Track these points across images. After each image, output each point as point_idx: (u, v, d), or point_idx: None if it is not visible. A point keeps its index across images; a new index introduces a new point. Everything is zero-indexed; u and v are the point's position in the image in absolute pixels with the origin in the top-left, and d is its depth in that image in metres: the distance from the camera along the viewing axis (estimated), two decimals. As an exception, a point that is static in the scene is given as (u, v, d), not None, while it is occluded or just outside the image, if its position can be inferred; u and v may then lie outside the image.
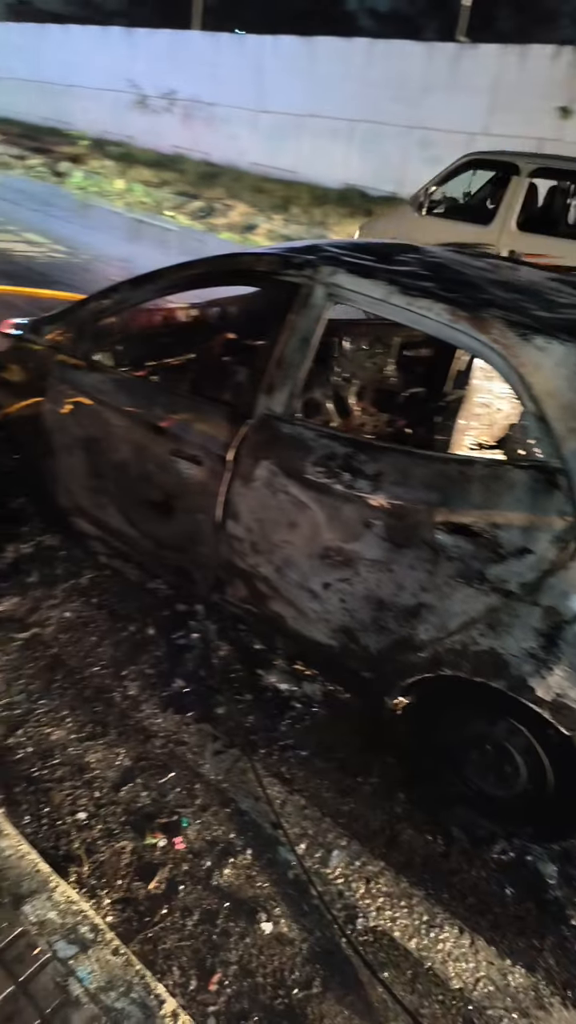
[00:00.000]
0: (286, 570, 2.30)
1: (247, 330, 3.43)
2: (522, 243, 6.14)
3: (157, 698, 2.43)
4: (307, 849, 1.97)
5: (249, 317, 3.56)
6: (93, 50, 19.95)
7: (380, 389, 3.64)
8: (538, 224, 6.25)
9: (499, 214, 6.37)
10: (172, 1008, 1.38)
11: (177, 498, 2.55)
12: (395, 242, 2.87)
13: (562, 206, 6.42)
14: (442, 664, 2.02)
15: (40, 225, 10.09)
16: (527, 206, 6.30)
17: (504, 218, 6.34)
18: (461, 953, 1.77)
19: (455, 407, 3.18)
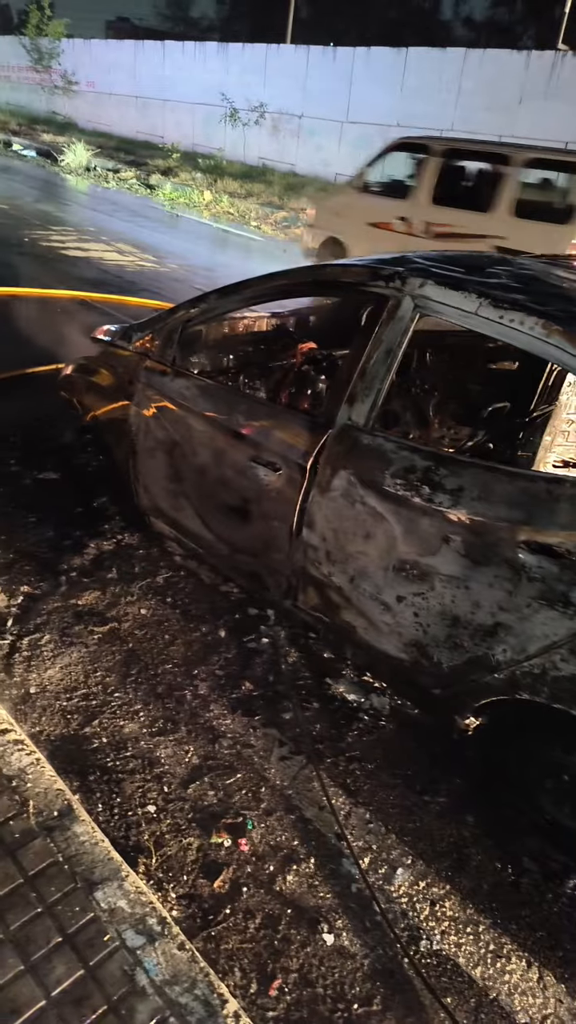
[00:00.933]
0: (360, 581, 2.29)
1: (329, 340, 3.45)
2: (434, 215, 7.20)
3: (226, 699, 2.47)
4: (370, 864, 1.95)
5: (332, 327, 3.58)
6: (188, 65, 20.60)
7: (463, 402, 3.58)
8: (447, 198, 7.19)
9: (416, 190, 7.45)
10: (234, 1009, 1.40)
11: (254, 504, 2.59)
12: (485, 254, 2.82)
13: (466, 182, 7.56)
14: (519, 687, 1.96)
15: (131, 235, 10.49)
16: (440, 183, 7.28)
17: (420, 193, 7.38)
18: (528, 987, 1.70)
19: (542, 423, 3.10)
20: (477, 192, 7.21)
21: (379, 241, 7.62)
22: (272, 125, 18.27)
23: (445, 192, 7.27)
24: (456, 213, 7.09)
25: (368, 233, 7.93)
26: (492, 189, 6.90)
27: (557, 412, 3.11)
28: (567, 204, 6.49)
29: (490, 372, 3.66)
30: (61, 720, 2.29)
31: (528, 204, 6.76)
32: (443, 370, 3.57)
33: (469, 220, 6.96)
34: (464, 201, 7.19)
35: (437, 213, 7.20)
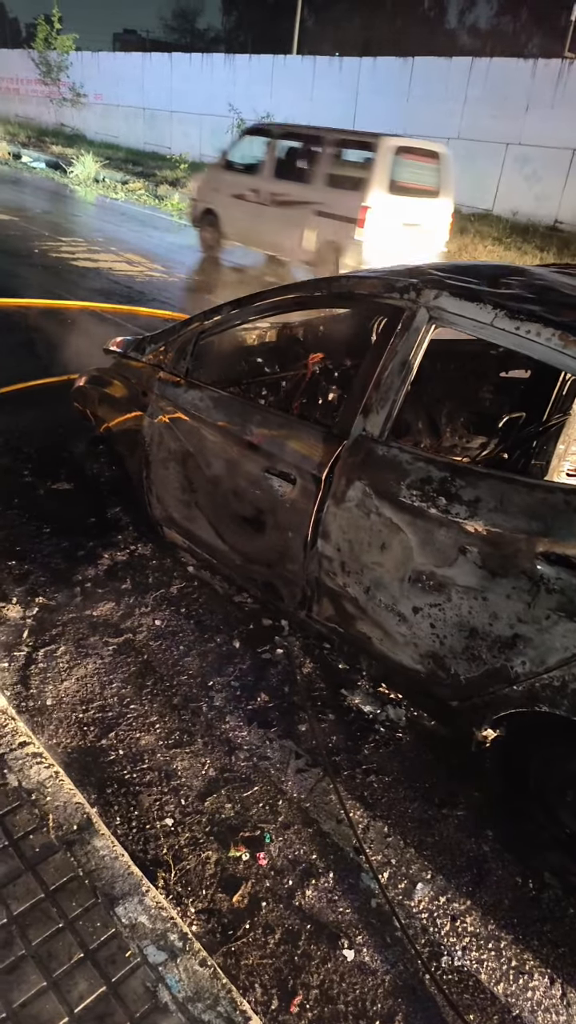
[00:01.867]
0: (375, 592, 2.29)
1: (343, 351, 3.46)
2: (275, 187, 8.97)
3: (242, 711, 2.46)
4: (390, 878, 1.94)
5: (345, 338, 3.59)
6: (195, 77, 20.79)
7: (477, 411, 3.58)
8: (284, 173, 9.00)
9: (262, 167, 9.24)
10: (257, 1026, 1.39)
11: (268, 514, 2.59)
12: (500, 264, 2.82)
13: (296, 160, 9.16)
14: (538, 700, 1.95)
15: (139, 245, 10.56)
16: (278, 161, 9.12)
17: (265, 169, 9.19)
18: (552, 1004, 1.68)
19: (556, 431, 3.09)
20: (303, 167, 8.91)
21: (240, 210, 9.41)
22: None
23: (282, 168, 9.05)
24: (290, 185, 8.81)
25: (232, 203, 9.57)
26: (312, 165, 8.68)
27: (571, 421, 3.10)
28: (362, 176, 8.07)
29: (503, 381, 3.65)
30: (78, 732, 2.29)
31: (336, 176, 8.41)
32: (456, 379, 3.57)
33: (298, 190, 8.67)
34: (295, 175, 8.87)
35: (277, 185, 8.97)
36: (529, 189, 13.57)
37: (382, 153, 7.94)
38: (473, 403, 3.65)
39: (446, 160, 8.66)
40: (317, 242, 8.46)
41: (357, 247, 8.02)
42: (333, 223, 8.18)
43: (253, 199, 9.22)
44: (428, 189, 8.53)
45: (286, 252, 9.01)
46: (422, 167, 8.44)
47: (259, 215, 9.08)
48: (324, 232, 8.30)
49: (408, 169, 8.26)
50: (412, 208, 8.34)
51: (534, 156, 13.23)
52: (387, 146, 7.97)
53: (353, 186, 8.07)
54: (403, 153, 8.16)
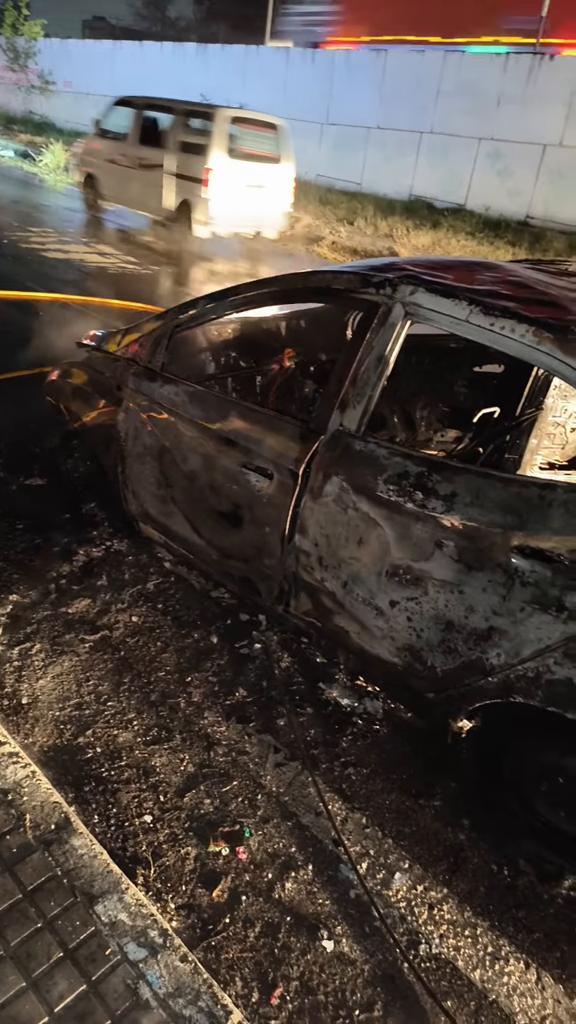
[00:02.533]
0: (353, 586, 2.30)
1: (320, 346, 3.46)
2: (139, 152, 10.18)
3: (220, 706, 2.46)
4: (368, 869, 1.96)
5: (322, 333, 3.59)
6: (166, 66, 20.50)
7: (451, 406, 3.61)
8: (146, 140, 10.20)
9: (129, 134, 10.45)
10: (238, 1020, 1.40)
11: (245, 509, 2.59)
12: (475, 260, 2.84)
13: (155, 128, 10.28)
14: (512, 691, 1.98)
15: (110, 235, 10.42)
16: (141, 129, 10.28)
17: (131, 137, 10.38)
18: (527, 989, 1.72)
19: (528, 426, 3.13)
20: (159, 134, 10.09)
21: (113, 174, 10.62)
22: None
23: (145, 135, 10.19)
24: (150, 150, 10.01)
25: (107, 168, 10.76)
26: (168, 132, 9.87)
27: (543, 415, 3.14)
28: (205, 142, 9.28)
29: (476, 376, 3.69)
30: (54, 731, 2.27)
31: (186, 143, 9.58)
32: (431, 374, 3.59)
33: (155, 155, 9.88)
34: (155, 141, 10.03)
35: (140, 151, 10.16)
36: (501, 184, 13.67)
37: (219, 122, 9.22)
38: (448, 398, 3.68)
39: (283, 131, 10.02)
40: (175, 200, 9.78)
41: (204, 204, 9.34)
42: (186, 183, 9.53)
43: (123, 163, 10.42)
44: (268, 155, 9.86)
45: (151, 210, 10.21)
46: (261, 136, 9.81)
47: (128, 178, 10.34)
48: (180, 191, 9.66)
49: (247, 137, 9.63)
50: (254, 171, 9.61)
51: (506, 151, 13.33)
52: (223, 116, 9.31)
53: (199, 151, 9.32)
54: (240, 123, 9.51)
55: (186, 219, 9.57)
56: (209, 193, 9.22)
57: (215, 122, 9.20)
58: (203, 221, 9.39)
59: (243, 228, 9.91)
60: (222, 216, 9.40)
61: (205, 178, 9.18)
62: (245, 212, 9.60)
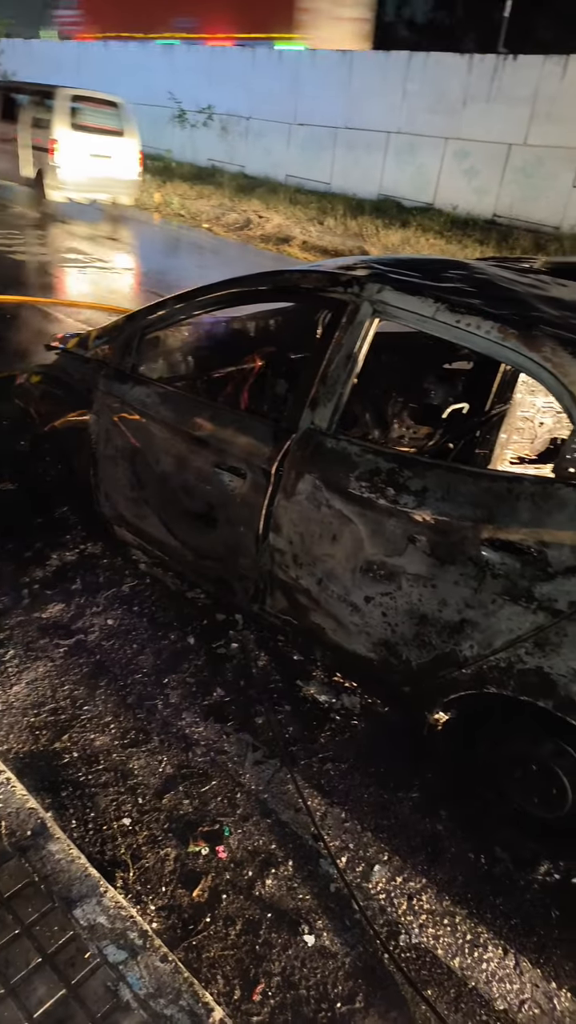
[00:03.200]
0: (327, 583, 2.32)
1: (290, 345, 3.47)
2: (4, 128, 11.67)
3: (198, 707, 2.46)
4: (348, 863, 1.98)
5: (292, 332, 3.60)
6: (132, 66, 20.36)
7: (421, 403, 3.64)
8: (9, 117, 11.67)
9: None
10: (220, 1016, 1.40)
11: (219, 509, 2.59)
12: (442, 258, 2.88)
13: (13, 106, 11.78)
14: (486, 682, 2.01)
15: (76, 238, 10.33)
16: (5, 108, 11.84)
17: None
18: (505, 974, 1.75)
19: (498, 421, 3.17)
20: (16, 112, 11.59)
21: None
22: (221, 127, 18.20)
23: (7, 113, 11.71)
24: (8, 126, 11.61)
25: None
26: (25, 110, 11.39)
27: (512, 410, 3.19)
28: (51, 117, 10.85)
29: (446, 372, 3.73)
30: (30, 736, 2.24)
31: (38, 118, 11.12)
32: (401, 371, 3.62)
33: (12, 129, 11.51)
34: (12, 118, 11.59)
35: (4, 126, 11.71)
36: (468, 183, 13.82)
37: (60, 100, 10.90)
38: (418, 395, 3.71)
39: (124, 108, 11.68)
40: (32, 169, 11.33)
41: (54, 171, 10.88)
42: (39, 153, 11.06)
43: None
44: (111, 129, 11.39)
45: (14, 178, 11.77)
46: (103, 112, 11.36)
47: None
48: (35, 161, 11.22)
49: (89, 113, 11.16)
50: (98, 143, 11.15)
51: (472, 151, 13.48)
52: (64, 94, 10.98)
53: (47, 125, 10.90)
54: (81, 101, 11.12)
55: (40, 185, 11.17)
56: (57, 161, 10.80)
57: (57, 100, 10.84)
58: (55, 187, 10.97)
59: (96, 194, 11.35)
60: (72, 182, 10.96)
61: (51, 148, 10.77)
62: (93, 179, 11.10)
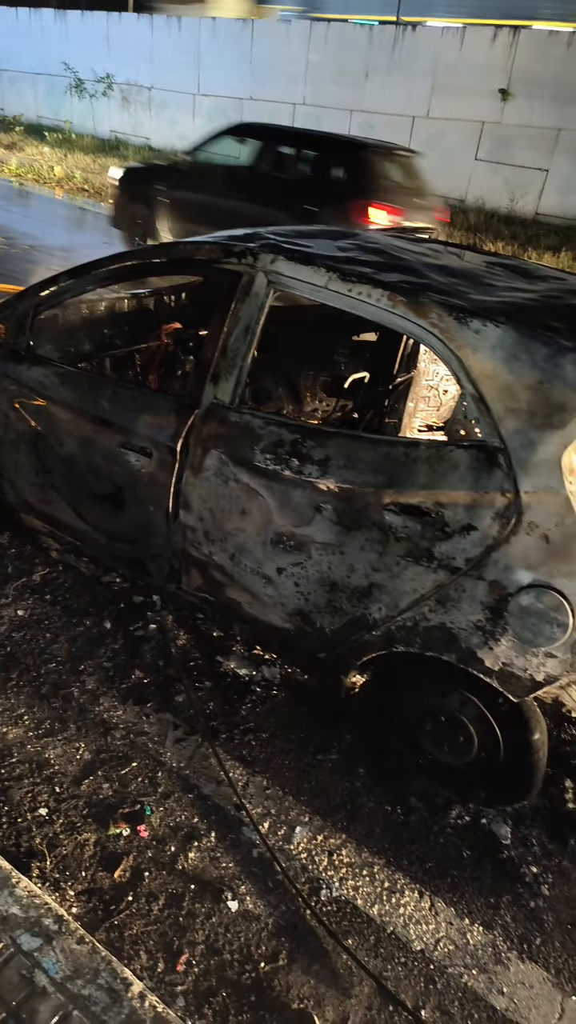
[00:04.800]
0: (240, 557, 2.32)
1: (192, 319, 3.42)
2: None
3: (116, 691, 2.43)
4: (270, 827, 2.02)
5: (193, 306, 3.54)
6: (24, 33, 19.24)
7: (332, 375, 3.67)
8: None
9: None
10: (139, 990, 1.41)
11: (128, 490, 2.54)
12: (336, 229, 2.89)
13: None
14: (395, 641, 2.07)
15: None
16: None
17: None
18: (422, 916, 1.84)
19: (404, 390, 3.24)
20: None
21: None
22: (122, 97, 17.52)
23: None
24: None
25: None
26: None
27: (417, 379, 3.26)
28: None
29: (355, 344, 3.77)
30: None
31: None
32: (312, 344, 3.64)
33: None
34: None
35: None
36: (376, 156, 13.86)
37: None
38: (330, 367, 3.74)
39: None
40: None
41: None
42: None
43: None
44: None
45: None
46: None
47: None
48: None
49: None
50: None
51: (377, 123, 13.50)
52: None
53: None
54: None
55: None
56: None
57: None
58: None
59: None
60: None
61: None
62: None
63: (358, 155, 7.12)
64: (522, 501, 1.81)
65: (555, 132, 11.96)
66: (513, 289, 2.19)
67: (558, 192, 12.15)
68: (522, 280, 2.33)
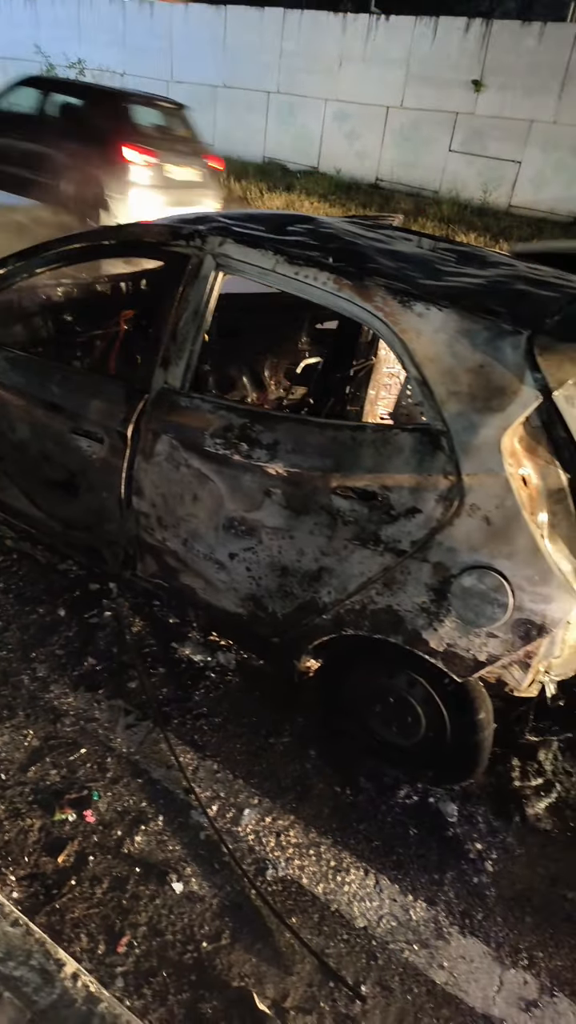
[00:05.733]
0: (193, 543, 2.32)
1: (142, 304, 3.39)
2: None
3: (67, 678, 2.42)
4: (219, 810, 2.02)
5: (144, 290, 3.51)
6: (-8, 16, 18.88)
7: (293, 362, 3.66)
8: None
9: None
10: (72, 970, 1.40)
11: (80, 476, 2.52)
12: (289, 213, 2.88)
13: None
14: (344, 624, 2.08)
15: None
16: None
17: None
18: (366, 893, 1.86)
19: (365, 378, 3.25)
20: None
21: None
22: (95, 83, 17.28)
23: None
24: None
25: None
26: None
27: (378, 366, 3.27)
28: None
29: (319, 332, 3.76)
30: None
31: None
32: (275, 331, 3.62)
33: None
34: None
35: None
36: (350, 146, 13.84)
37: None
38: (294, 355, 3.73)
39: None
40: None
41: None
42: None
43: None
44: None
45: None
46: None
47: None
48: None
49: None
50: None
51: (352, 113, 13.48)
52: None
53: None
54: None
55: None
56: None
57: None
58: None
59: None
60: None
61: None
62: None
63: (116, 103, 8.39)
64: (464, 483, 1.83)
65: (528, 124, 12.02)
66: (461, 275, 2.19)
67: (531, 184, 12.22)
68: (472, 266, 2.34)
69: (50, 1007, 1.32)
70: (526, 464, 1.82)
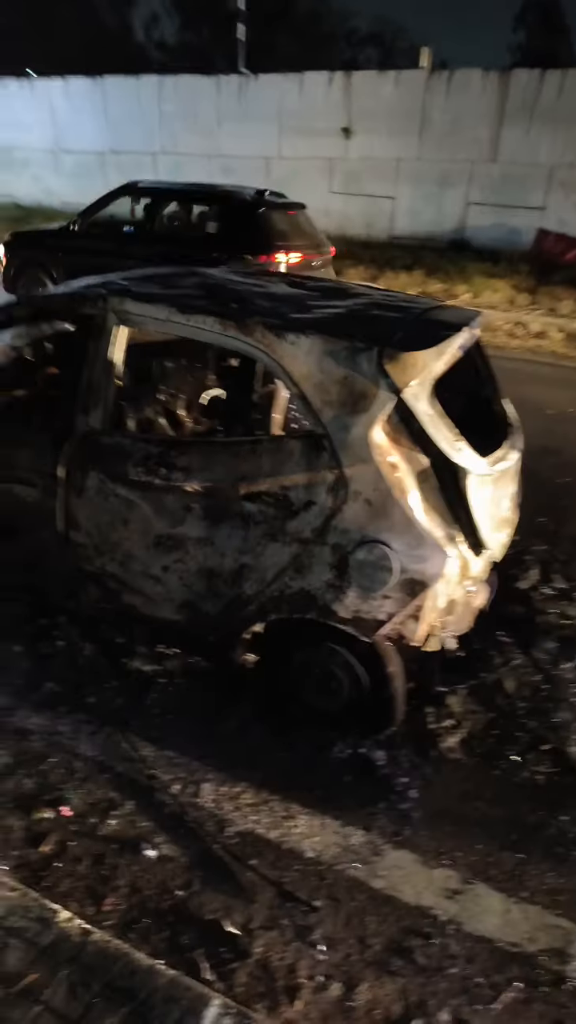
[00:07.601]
0: (129, 563, 2.62)
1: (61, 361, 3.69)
2: None
3: (30, 703, 2.64)
4: (181, 789, 2.29)
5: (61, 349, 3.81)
6: None
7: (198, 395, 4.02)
8: None
9: None
10: (67, 915, 1.65)
11: (19, 520, 2.79)
12: (180, 269, 3.26)
13: None
14: (268, 611, 2.43)
15: None
16: None
17: None
18: (312, 831, 2.16)
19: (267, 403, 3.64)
20: None
21: None
22: (-18, 158, 17.63)
23: None
24: None
25: None
26: None
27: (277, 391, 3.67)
28: None
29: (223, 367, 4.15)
30: None
31: None
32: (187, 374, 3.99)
33: None
34: None
35: None
36: (241, 196, 14.59)
37: None
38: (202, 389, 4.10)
39: None
40: None
41: None
42: None
43: None
44: None
45: None
46: None
47: None
48: None
49: None
50: None
51: (235, 166, 14.28)
52: None
53: None
54: None
55: None
56: None
57: None
58: None
59: None
60: None
61: None
62: None
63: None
64: (346, 475, 2.22)
65: (396, 162, 13.08)
66: (326, 307, 2.63)
67: (406, 216, 13.26)
68: (335, 299, 2.78)
69: (51, 944, 1.57)
70: (393, 453, 2.23)
